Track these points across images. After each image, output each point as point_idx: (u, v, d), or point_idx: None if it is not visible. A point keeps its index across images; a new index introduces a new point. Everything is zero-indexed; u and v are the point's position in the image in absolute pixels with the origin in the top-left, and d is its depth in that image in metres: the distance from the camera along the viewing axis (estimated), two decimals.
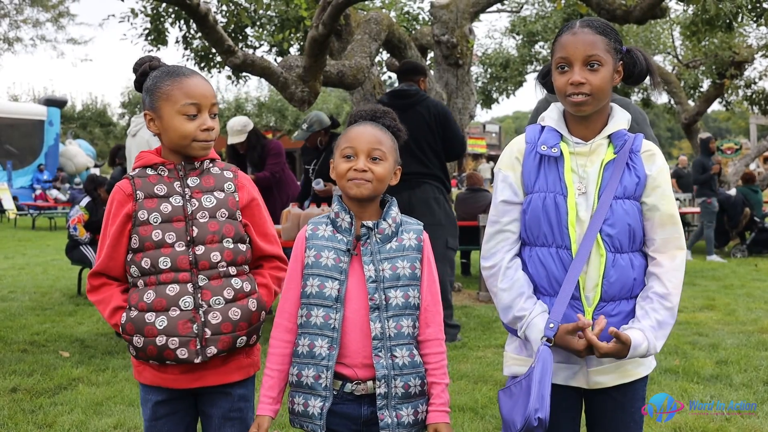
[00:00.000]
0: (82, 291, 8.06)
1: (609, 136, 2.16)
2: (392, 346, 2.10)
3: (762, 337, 6.01)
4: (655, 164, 2.14)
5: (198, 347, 2.16)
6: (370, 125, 2.19)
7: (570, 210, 2.10)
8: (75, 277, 8.30)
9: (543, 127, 2.21)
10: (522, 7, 15.12)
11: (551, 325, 2.06)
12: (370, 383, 2.11)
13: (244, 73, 10.00)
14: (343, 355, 2.11)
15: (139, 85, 2.31)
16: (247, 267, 2.32)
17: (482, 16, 13.12)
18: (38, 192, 22.17)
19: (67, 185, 22.17)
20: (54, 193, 21.22)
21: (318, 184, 6.82)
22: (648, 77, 2.23)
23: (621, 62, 2.16)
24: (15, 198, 21.35)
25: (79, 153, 25.53)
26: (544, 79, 2.30)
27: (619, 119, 2.17)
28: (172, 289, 2.17)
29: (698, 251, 13.12)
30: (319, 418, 2.09)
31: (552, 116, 2.21)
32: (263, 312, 2.29)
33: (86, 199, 7.62)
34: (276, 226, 6.06)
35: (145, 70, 2.28)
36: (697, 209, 14.70)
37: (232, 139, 7.07)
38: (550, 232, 2.12)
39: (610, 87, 2.11)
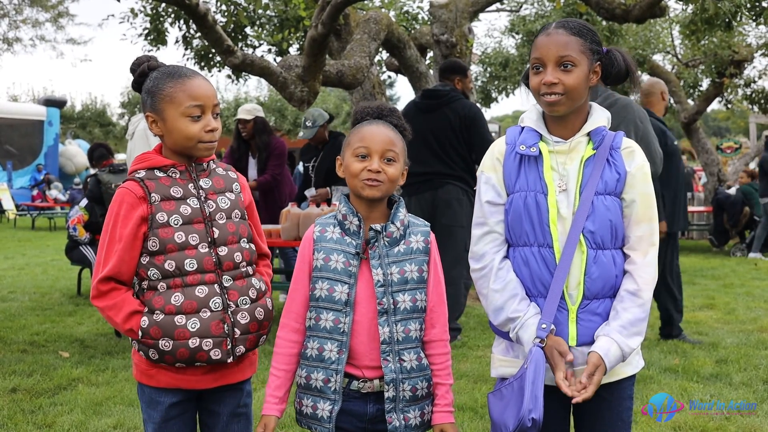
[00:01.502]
0: (81, 291, 8.06)
1: (588, 134, 2.17)
2: (400, 350, 2.12)
3: (761, 336, 6.01)
4: (635, 161, 2.16)
5: (229, 347, 2.19)
6: (381, 125, 2.18)
7: (551, 207, 2.11)
8: (75, 277, 8.29)
9: (523, 128, 2.23)
10: (521, 7, 15.11)
11: (543, 326, 2.07)
12: (376, 382, 2.12)
13: (243, 73, 10.00)
14: (351, 357, 2.13)
15: (137, 85, 2.29)
16: (255, 266, 2.36)
17: (481, 16, 13.13)
18: (35, 192, 22.14)
19: (58, 184, 22.11)
20: (53, 193, 21.20)
21: (309, 192, 6.87)
22: (628, 78, 2.26)
23: (599, 63, 2.17)
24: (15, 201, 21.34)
25: (78, 153, 25.49)
26: (527, 80, 2.31)
27: (598, 117, 2.19)
28: (201, 291, 2.17)
29: (699, 250, 13.12)
30: (328, 421, 2.11)
31: (531, 117, 2.23)
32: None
33: (85, 200, 7.61)
34: (275, 226, 6.09)
35: (143, 70, 2.27)
36: (698, 208, 14.75)
37: (240, 115, 7.18)
38: (531, 230, 2.13)
39: (585, 87, 2.13)
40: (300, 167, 8.47)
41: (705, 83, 15.29)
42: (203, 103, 2.20)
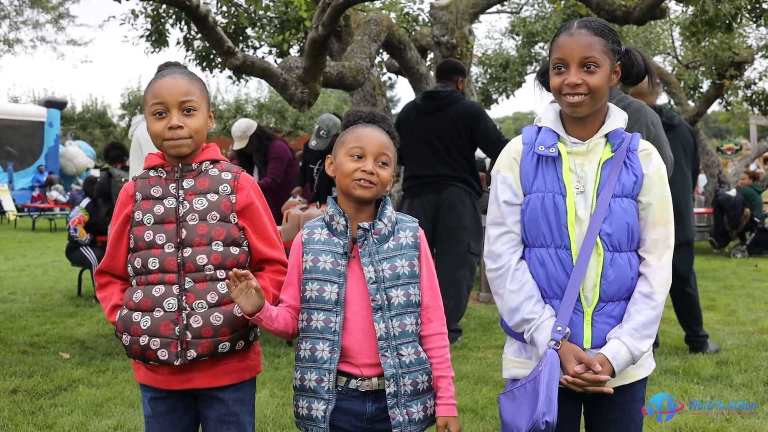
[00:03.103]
0: (82, 292, 8.06)
1: (606, 135, 2.16)
2: (397, 345, 2.13)
3: (762, 337, 6.01)
4: (652, 163, 2.15)
5: (178, 350, 2.17)
6: (376, 128, 2.19)
7: (569, 209, 2.10)
8: (75, 278, 8.30)
9: (540, 128, 2.22)
10: (522, 8, 15.12)
11: (559, 328, 2.06)
12: (375, 380, 2.13)
13: (244, 74, 10.01)
14: (348, 356, 2.14)
15: None
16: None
17: (482, 17, 13.13)
18: (36, 193, 22.16)
19: (59, 186, 22.13)
20: (54, 194, 21.21)
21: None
22: (646, 77, 2.25)
23: (619, 63, 2.17)
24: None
25: (79, 154, 25.54)
26: (543, 78, 2.30)
27: (616, 118, 2.18)
28: (158, 290, 2.19)
29: (700, 252, 13.12)
30: (322, 421, 2.11)
31: (548, 117, 2.22)
32: None
33: (86, 200, 7.62)
34: (277, 227, 6.09)
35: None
36: (699, 210, 14.76)
37: (236, 145, 7.22)
38: (549, 232, 2.12)
39: (607, 88, 2.12)
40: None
41: (705, 85, 15.29)
42: (164, 100, 2.21)
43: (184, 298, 2.18)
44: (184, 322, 2.17)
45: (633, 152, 2.15)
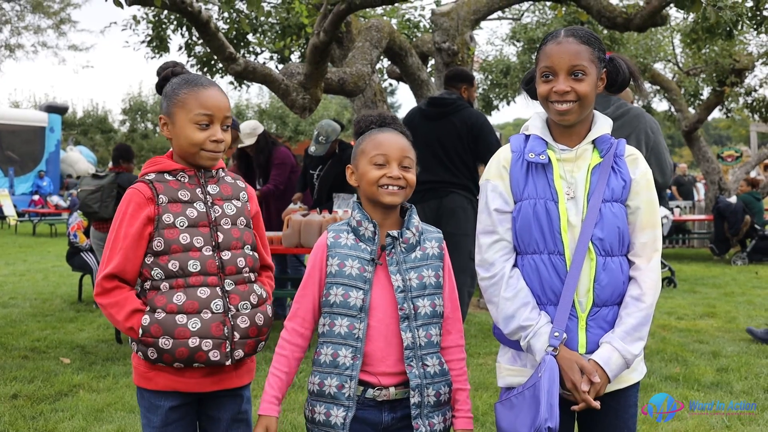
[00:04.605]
0: (83, 298, 8.06)
1: (593, 142, 2.18)
2: (423, 355, 2.13)
3: (762, 344, 6.00)
4: (639, 168, 2.18)
5: (228, 350, 2.21)
6: (394, 132, 2.19)
7: (561, 215, 2.11)
8: (76, 283, 8.30)
9: (527, 136, 2.24)
10: (523, 15, 15.14)
11: (556, 334, 2.07)
12: (392, 389, 2.12)
13: (245, 80, 10.03)
14: (366, 363, 2.12)
15: (159, 89, 2.36)
16: (257, 274, 2.39)
17: (483, 23, 13.16)
18: (36, 198, 22.15)
19: (61, 194, 22.17)
20: (55, 199, 21.21)
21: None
22: (632, 83, 2.28)
23: (605, 70, 2.20)
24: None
25: (80, 159, 25.58)
26: (528, 86, 2.32)
27: (602, 124, 2.21)
28: (203, 292, 2.20)
29: (700, 259, 13.12)
30: (342, 427, 2.09)
31: (536, 125, 2.24)
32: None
33: None
34: (278, 233, 6.10)
35: (167, 75, 2.34)
36: (699, 216, 14.75)
37: (244, 141, 7.15)
38: (541, 238, 2.13)
39: (594, 95, 2.15)
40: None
41: (706, 92, 15.29)
42: (212, 113, 2.24)
43: (227, 299, 2.23)
44: (231, 323, 2.22)
45: (620, 157, 2.17)
